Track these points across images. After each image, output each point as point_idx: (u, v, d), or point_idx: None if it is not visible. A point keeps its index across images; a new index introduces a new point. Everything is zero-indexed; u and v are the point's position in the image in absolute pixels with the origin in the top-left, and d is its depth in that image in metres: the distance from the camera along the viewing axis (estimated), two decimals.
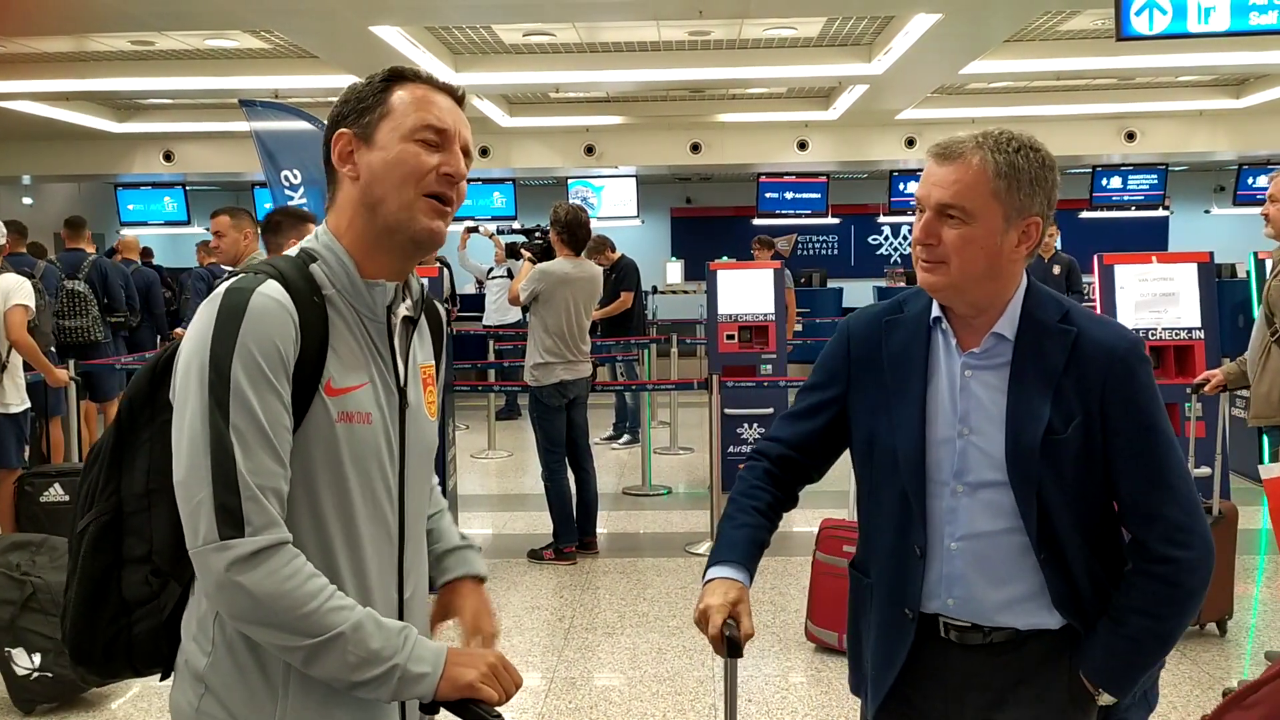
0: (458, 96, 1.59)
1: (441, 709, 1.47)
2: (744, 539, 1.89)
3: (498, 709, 1.45)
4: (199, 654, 1.47)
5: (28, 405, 5.79)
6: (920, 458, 1.82)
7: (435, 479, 1.77)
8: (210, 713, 1.46)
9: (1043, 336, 1.79)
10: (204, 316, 1.43)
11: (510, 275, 10.77)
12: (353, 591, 1.46)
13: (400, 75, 1.56)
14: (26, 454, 6.07)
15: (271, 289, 1.44)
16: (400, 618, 1.53)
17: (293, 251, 1.54)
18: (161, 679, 1.59)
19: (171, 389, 1.46)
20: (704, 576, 1.85)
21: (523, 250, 7.00)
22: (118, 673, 1.57)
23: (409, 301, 1.60)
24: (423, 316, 1.66)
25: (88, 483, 1.54)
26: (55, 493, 5.61)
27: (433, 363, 1.68)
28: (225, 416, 1.37)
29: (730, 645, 1.75)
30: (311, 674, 1.42)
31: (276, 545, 1.38)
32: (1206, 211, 17.45)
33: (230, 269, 4.15)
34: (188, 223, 14.10)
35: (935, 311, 1.85)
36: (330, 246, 1.53)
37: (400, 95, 1.53)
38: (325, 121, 1.59)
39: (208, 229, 5.72)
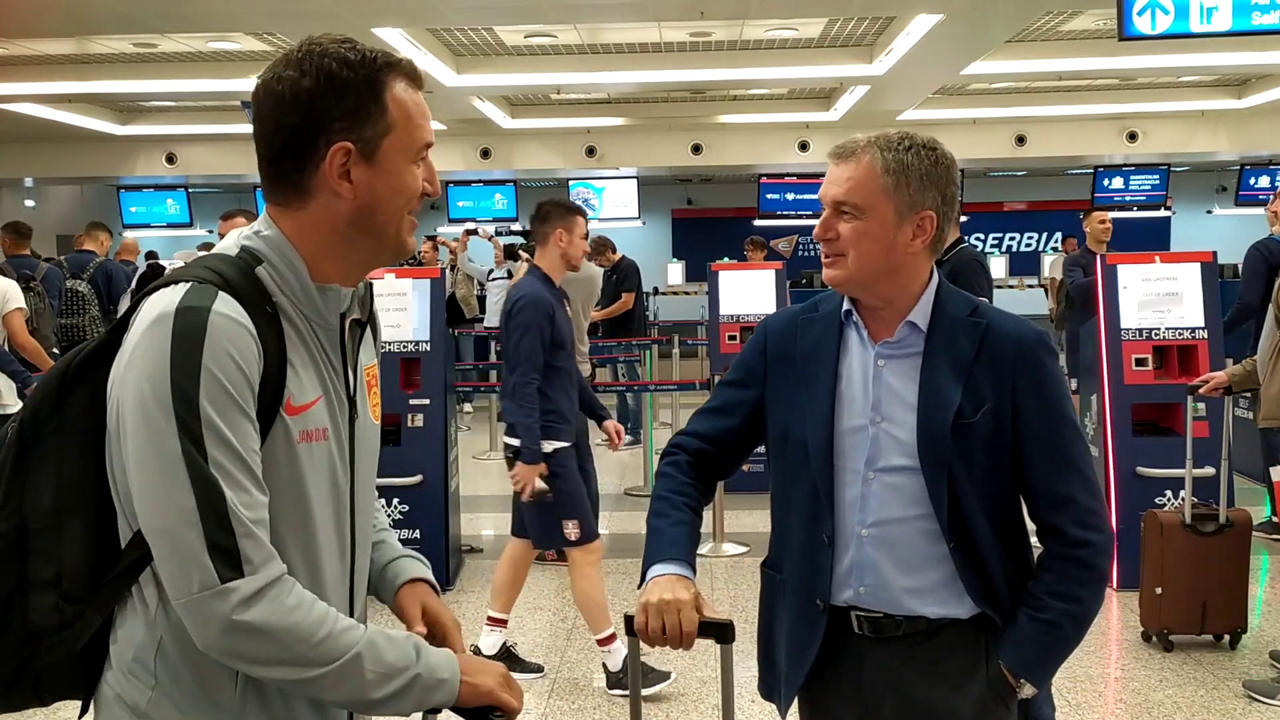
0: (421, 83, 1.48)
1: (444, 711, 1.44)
2: (683, 535, 1.91)
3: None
4: (139, 689, 1.36)
5: (21, 405, 5.80)
6: (829, 446, 1.87)
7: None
8: None
9: (954, 327, 1.87)
10: (156, 340, 1.28)
11: (510, 276, 10.78)
12: None
13: (387, 68, 1.42)
14: None
15: (228, 306, 1.31)
16: None
17: (231, 250, 1.40)
18: (81, 713, 1.47)
19: (110, 414, 1.33)
20: (646, 573, 1.85)
21: (520, 251, 7.02)
22: (22, 704, 1.42)
23: (356, 304, 1.51)
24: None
25: None
26: None
27: (374, 362, 1.58)
28: (202, 452, 1.26)
29: (722, 631, 1.77)
30: (330, 701, 1.36)
31: (277, 579, 1.30)
32: (1209, 212, 17.43)
33: None
34: (190, 225, 14.07)
35: (846, 305, 1.93)
36: (279, 247, 1.39)
37: (395, 104, 1.40)
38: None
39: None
